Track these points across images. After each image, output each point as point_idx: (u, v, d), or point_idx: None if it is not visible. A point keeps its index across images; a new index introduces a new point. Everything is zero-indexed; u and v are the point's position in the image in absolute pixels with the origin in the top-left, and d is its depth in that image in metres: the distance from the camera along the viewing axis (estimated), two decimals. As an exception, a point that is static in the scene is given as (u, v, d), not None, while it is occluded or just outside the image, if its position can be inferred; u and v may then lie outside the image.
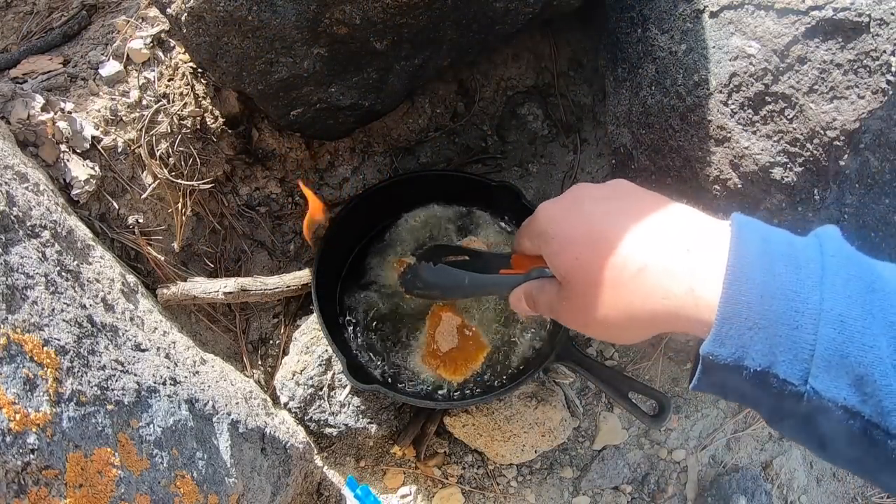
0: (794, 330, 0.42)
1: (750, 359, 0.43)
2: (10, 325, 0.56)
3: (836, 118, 0.82)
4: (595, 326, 0.56)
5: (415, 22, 0.93)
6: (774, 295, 0.43)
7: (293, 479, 0.96)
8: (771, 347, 0.42)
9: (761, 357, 0.42)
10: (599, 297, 0.53)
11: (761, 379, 0.43)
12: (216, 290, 1.07)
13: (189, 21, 0.90)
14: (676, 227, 0.52)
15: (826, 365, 0.41)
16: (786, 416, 0.44)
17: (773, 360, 0.42)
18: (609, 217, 0.56)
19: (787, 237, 0.48)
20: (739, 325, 0.43)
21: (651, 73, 1.01)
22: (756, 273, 0.44)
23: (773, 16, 0.84)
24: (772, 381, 0.42)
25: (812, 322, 0.41)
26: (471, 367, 1.10)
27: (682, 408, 1.28)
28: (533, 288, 0.66)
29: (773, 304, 0.42)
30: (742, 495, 1.19)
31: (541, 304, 0.64)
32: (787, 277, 0.43)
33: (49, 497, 0.53)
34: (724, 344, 0.43)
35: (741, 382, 0.44)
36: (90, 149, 0.98)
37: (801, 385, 0.42)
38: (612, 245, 0.53)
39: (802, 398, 0.42)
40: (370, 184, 1.25)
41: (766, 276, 0.43)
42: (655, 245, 0.51)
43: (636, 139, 1.09)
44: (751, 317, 0.43)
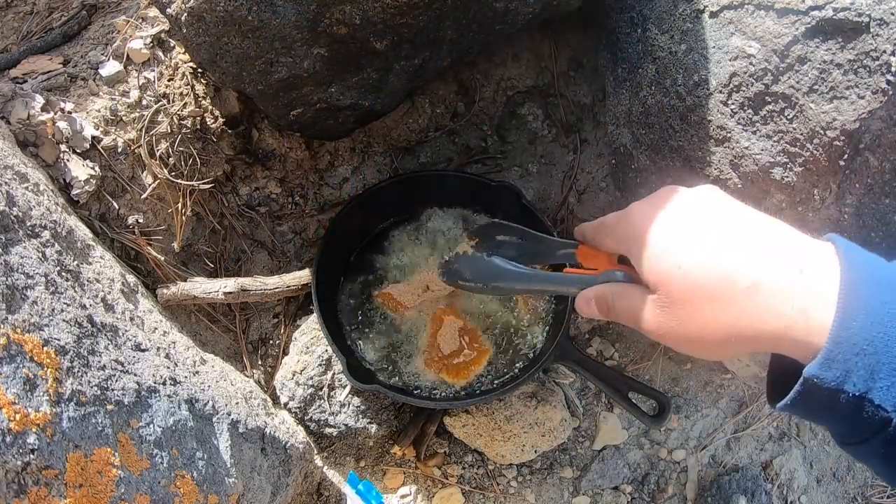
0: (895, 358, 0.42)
1: (850, 384, 0.43)
2: (10, 325, 0.56)
3: (836, 118, 0.82)
4: (689, 341, 0.54)
5: (415, 22, 0.93)
6: (883, 322, 0.43)
7: (293, 479, 0.96)
8: (872, 373, 0.43)
9: (861, 382, 0.43)
10: (702, 311, 0.51)
11: (856, 403, 0.43)
12: (216, 290, 1.07)
13: (189, 21, 0.90)
14: (785, 244, 0.51)
15: None
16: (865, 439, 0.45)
17: (872, 386, 0.43)
18: (713, 227, 0.53)
19: (887, 264, 0.48)
20: (847, 349, 0.43)
21: (651, 73, 1.01)
22: (867, 299, 0.44)
23: (773, 16, 0.84)
24: (865, 405, 0.43)
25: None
26: (473, 371, 1.09)
27: (682, 408, 1.28)
28: (609, 291, 0.62)
29: (880, 330, 0.43)
30: (742, 495, 1.19)
31: (619, 311, 0.60)
32: (892, 305, 0.44)
33: (49, 497, 0.53)
34: (830, 367, 0.44)
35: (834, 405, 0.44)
36: (90, 149, 0.98)
37: (892, 412, 0.42)
38: (719, 257, 0.51)
39: (889, 423, 0.43)
40: (370, 184, 1.25)
41: (876, 303, 0.44)
42: (768, 262, 0.49)
43: (636, 139, 1.09)
44: (859, 342, 0.43)
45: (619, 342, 1.30)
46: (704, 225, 0.54)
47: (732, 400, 1.30)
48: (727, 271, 0.50)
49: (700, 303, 0.51)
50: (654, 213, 0.58)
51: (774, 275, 0.48)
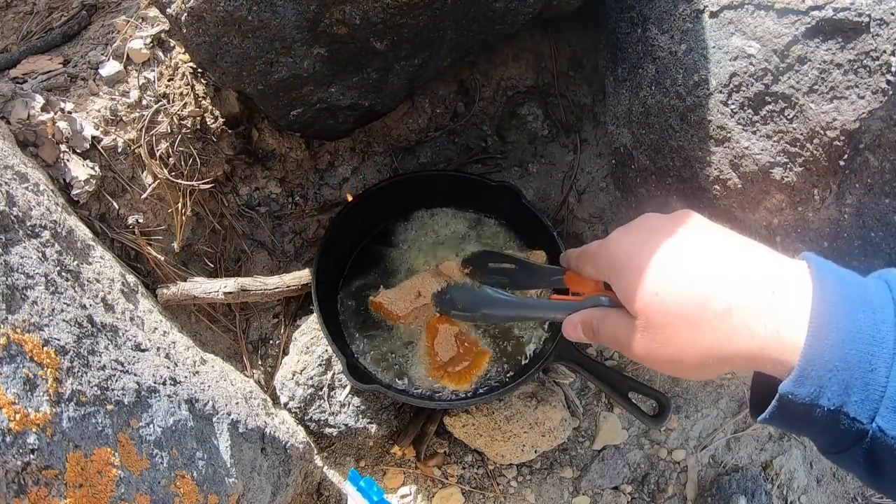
0: (869, 372, 0.44)
1: (825, 398, 0.45)
2: (10, 325, 0.56)
3: (836, 118, 0.82)
4: (669, 364, 0.56)
5: (415, 22, 0.93)
6: (854, 339, 0.45)
7: (293, 479, 0.96)
8: (846, 388, 0.44)
9: (836, 397, 0.44)
10: (679, 334, 0.53)
11: (832, 417, 0.45)
12: (216, 290, 1.07)
13: (189, 21, 0.90)
14: (757, 266, 0.53)
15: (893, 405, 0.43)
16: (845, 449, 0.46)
17: (846, 400, 0.44)
18: (687, 252, 0.56)
19: (860, 280, 0.50)
20: (820, 367, 0.45)
21: (651, 73, 1.01)
22: (838, 317, 0.46)
23: (773, 16, 0.84)
24: (841, 418, 0.45)
25: (885, 365, 0.44)
26: (475, 374, 1.09)
27: (682, 408, 1.28)
28: (593, 317, 0.64)
29: (852, 347, 0.44)
30: (742, 495, 1.19)
31: (603, 335, 0.63)
32: (864, 322, 0.45)
33: (49, 497, 0.53)
34: (804, 384, 0.45)
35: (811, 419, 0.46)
36: (90, 149, 0.98)
37: (867, 423, 0.44)
38: (694, 282, 0.53)
39: (867, 435, 0.44)
40: (370, 184, 1.25)
41: (848, 321, 0.45)
42: (740, 285, 0.51)
43: (636, 139, 1.09)
44: (831, 359, 0.45)
45: (619, 342, 1.30)
46: (679, 251, 0.56)
47: (732, 400, 1.30)
48: (701, 295, 0.52)
49: (676, 327, 0.53)
50: (631, 241, 0.60)
51: (747, 297, 0.50)
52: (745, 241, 0.56)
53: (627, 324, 0.58)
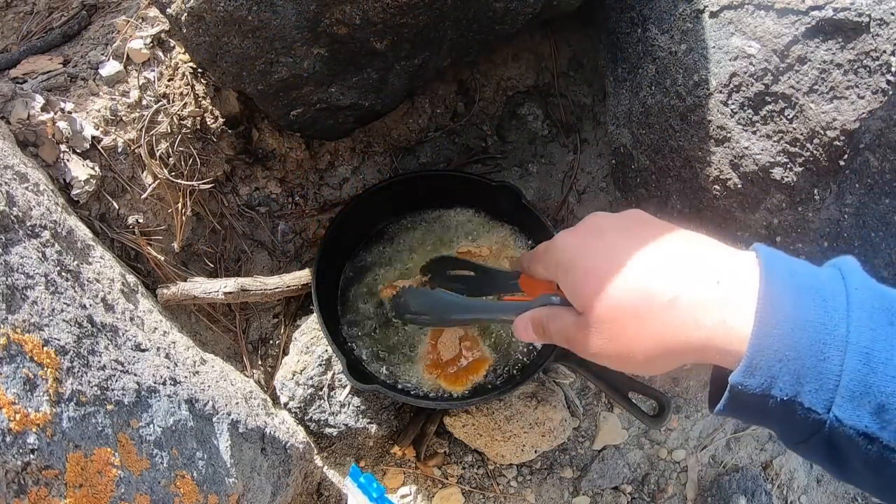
0: (822, 361, 0.43)
1: (777, 388, 0.44)
2: (10, 325, 0.56)
3: (836, 118, 0.82)
4: (619, 359, 0.55)
5: (415, 22, 0.93)
6: (804, 327, 0.44)
7: (293, 479, 0.96)
8: (798, 378, 0.43)
9: (788, 387, 0.44)
10: (626, 328, 0.53)
11: (786, 407, 0.44)
12: (216, 290, 1.07)
13: (189, 21, 0.90)
14: (703, 258, 0.52)
15: (850, 395, 0.42)
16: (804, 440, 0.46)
17: (800, 390, 0.43)
18: (632, 248, 0.55)
19: (811, 269, 0.49)
20: (770, 356, 0.44)
21: (651, 73, 1.01)
22: (786, 306, 0.45)
23: (773, 16, 0.84)
24: (796, 408, 0.44)
25: (839, 353, 0.43)
26: (471, 380, 1.09)
27: (682, 408, 1.28)
28: (542, 315, 0.64)
29: (802, 335, 0.44)
30: (742, 495, 1.19)
31: (552, 333, 0.62)
32: (814, 310, 0.44)
33: (49, 497, 0.53)
34: (753, 375, 0.44)
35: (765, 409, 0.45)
36: (90, 149, 0.98)
37: (824, 413, 0.43)
38: (639, 276, 0.53)
39: (824, 425, 0.43)
40: (370, 184, 1.25)
41: (796, 310, 0.45)
42: (685, 277, 0.51)
43: (636, 139, 1.09)
44: (780, 349, 0.44)
45: (619, 342, 1.30)
46: (624, 246, 0.56)
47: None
48: (645, 288, 0.52)
49: (623, 321, 0.53)
50: (576, 239, 0.60)
51: (691, 288, 0.50)
52: (693, 235, 0.56)
53: (576, 321, 0.58)
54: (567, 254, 0.60)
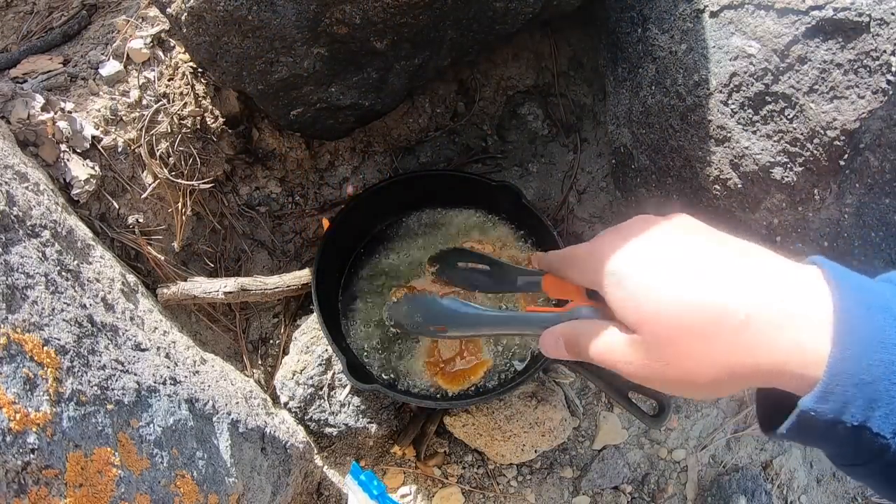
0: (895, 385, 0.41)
1: (849, 414, 0.41)
2: (10, 325, 0.56)
3: (837, 118, 0.82)
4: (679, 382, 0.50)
5: (415, 22, 0.93)
6: (878, 349, 0.41)
7: (293, 478, 0.96)
8: (870, 403, 0.41)
9: (860, 413, 0.41)
10: (691, 351, 0.48)
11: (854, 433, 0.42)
12: (216, 289, 1.07)
13: (189, 21, 0.90)
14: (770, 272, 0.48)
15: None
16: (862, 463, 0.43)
17: (870, 416, 0.41)
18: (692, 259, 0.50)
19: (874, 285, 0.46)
20: (845, 380, 0.42)
21: (651, 72, 1.01)
22: (861, 327, 0.42)
23: (773, 15, 0.84)
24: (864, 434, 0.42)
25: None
26: (470, 380, 1.09)
27: (682, 407, 1.28)
28: (579, 332, 0.56)
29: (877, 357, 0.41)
30: (742, 495, 1.19)
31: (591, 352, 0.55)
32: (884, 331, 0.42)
33: (49, 497, 0.53)
34: (827, 400, 0.42)
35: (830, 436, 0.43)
36: (90, 148, 0.98)
37: (891, 438, 0.41)
38: (704, 292, 0.48)
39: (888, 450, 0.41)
40: (370, 183, 1.25)
41: (871, 331, 0.42)
42: (755, 293, 0.47)
43: (636, 139, 1.09)
44: (857, 372, 0.41)
45: (619, 342, 1.30)
46: (683, 257, 0.51)
47: (732, 400, 1.30)
48: (714, 305, 0.47)
49: (688, 342, 0.48)
50: (625, 244, 0.54)
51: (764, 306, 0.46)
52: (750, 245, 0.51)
53: (623, 340, 0.52)
54: (616, 262, 0.53)
